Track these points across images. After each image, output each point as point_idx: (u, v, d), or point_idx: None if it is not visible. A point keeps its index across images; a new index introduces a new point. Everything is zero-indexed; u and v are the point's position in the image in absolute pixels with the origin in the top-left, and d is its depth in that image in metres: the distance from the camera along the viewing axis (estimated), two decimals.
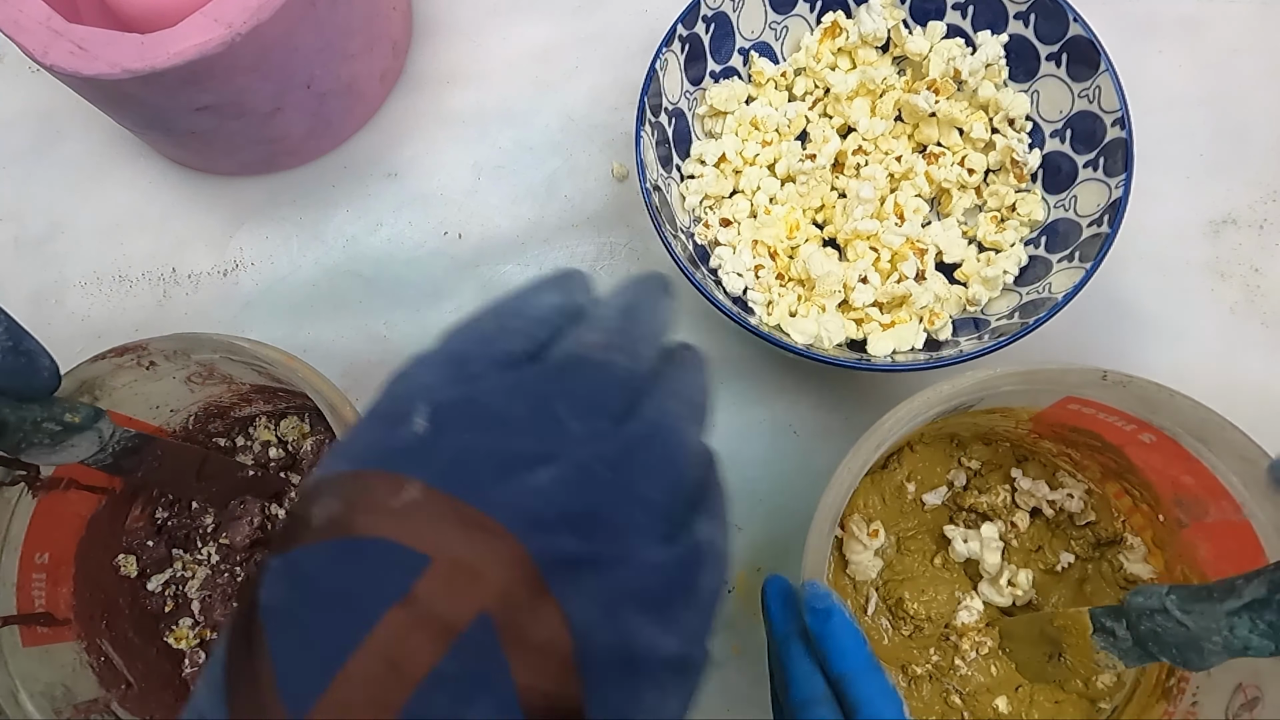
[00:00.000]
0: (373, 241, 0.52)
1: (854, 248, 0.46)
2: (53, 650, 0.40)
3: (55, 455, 0.34)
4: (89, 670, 0.41)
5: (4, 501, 0.38)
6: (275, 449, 0.46)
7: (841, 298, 0.45)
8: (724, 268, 0.45)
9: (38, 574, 0.40)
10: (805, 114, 0.49)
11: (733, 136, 0.48)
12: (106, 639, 0.42)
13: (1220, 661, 0.32)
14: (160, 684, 0.43)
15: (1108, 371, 0.35)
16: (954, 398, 0.35)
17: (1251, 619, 0.30)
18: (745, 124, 0.48)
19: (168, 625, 0.45)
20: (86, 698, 0.39)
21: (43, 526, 0.40)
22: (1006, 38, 0.46)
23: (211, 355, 0.39)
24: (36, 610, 0.40)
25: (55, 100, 0.56)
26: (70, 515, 0.42)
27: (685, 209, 0.47)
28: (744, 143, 0.48)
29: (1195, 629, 0.31)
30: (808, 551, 0.34)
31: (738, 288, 0.45)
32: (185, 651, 0.44)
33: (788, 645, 0.31)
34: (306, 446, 0.46)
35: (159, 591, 0.45)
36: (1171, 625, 0.32)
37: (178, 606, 0.45)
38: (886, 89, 0.48)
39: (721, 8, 0.46)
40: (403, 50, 0.54)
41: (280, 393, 0.44)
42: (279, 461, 0.46)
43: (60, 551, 0.42)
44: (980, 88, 0.47)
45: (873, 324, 0.44)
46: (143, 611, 0.45)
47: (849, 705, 0.28)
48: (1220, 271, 0.48)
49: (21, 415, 0.33)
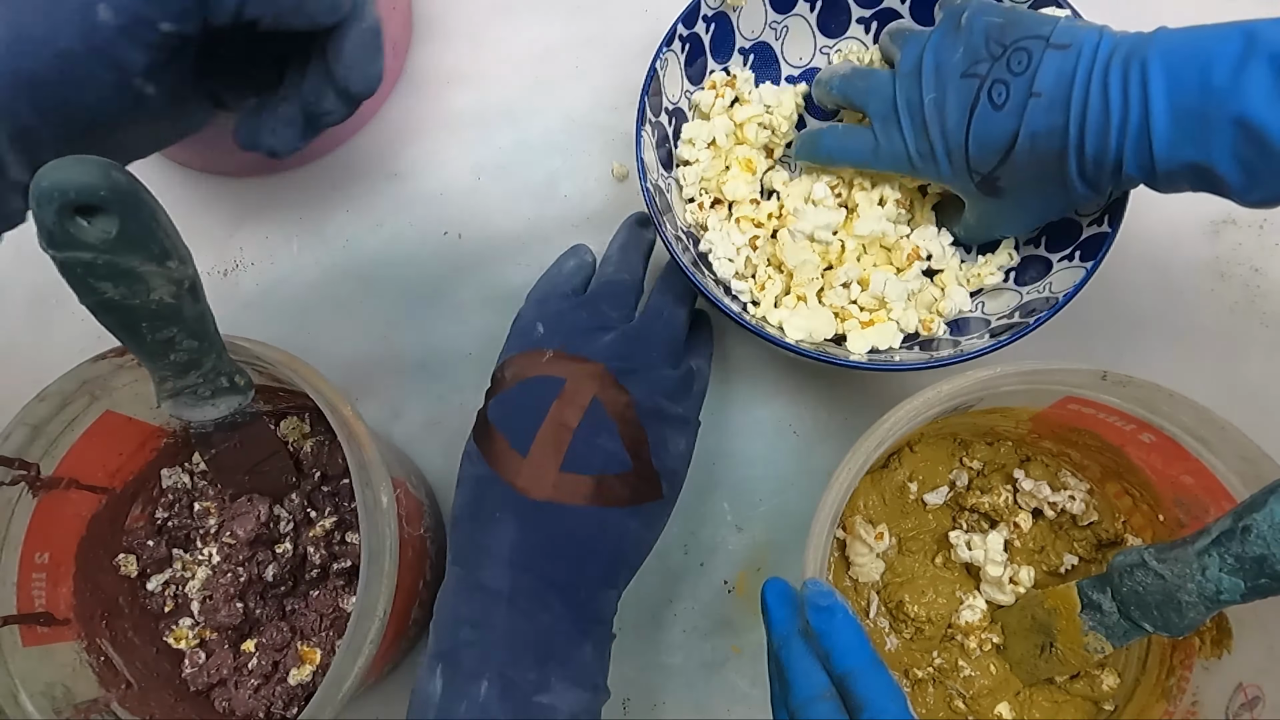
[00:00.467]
0: (373, 241, 0.52)
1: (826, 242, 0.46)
2: (53, 650, 0.40)
3: (196, 409, 0.38)
4: (89, 670, 0.41)
5: (4, 501, 0.38)
6: None
7: (820, 286, 0.45)
8: (714, 252, 0.45)
9: (38, 573, 0.40)
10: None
11: (724, 118, 0.48)
12: (106, 639, 0.42)
13: (1198, 620, 0.32)
14: (160, 684, 0.43)
15: (1108, 371, 0.35)
16: (954, 397, 0.35)
17: (1220, 555, 0.31)
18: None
19: (168, 625, 0.45)
20: (86, 698, 0.39)
21: (43, 526, 0.40)
22: None
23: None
24: (36, 610, 0.40)
25: None
26: (70, 515, 0.42)
27: (683, 199, 0.47)
28: (738, 126, 0.48)
29: (1171, 578, 0.32)
30: (808, 550, 0.34)
31: (727, 273, 0.45)
32: (185, 651, 0.44)
33: (788, 645, 0.31)
34: (307, 448, 0.46)
35: (159, 591, 0.45)
36: (1150, 580, 0.33)
37: (178, 606, 0.45)
38: None
39: (722, 8, 0.46)
40: (403, 50, 0.54)
41: (280, 393, 0.44)
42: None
43: (60, 551, 0.42)
44: None
45: (852, 320, 0.44)
46: (143, 611, 0.45)
47: (853, 703, 0.28)
48: (1220, 271, 0.48)
49: (209, 361, 0.36)
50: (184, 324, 0.33)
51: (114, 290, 0.31)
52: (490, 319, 0.50)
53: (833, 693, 0.29)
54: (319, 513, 0.45)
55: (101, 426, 0.41)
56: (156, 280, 0.31)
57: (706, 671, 0.45)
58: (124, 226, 0.29)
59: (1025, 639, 0.40)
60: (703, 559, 0.46)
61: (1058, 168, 0.36)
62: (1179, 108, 0.32)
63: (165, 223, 0.31)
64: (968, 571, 0.43)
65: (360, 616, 0.33)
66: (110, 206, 0.29)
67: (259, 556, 0.43)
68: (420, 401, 0.50)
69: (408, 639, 0.43)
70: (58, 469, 0.40)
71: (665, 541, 0.46)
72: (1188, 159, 0.33)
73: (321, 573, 0.44)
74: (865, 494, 0.44)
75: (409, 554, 0.37)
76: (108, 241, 0.29)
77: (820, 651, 0.30)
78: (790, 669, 0.30)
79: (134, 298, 0.31)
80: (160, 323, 0.33)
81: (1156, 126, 0.33)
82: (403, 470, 0.41)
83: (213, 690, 0.43)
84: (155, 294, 0.31)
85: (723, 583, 0.46)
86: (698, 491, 0.47)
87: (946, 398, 0.35)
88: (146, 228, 0.30)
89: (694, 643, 0.45)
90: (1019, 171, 0.38)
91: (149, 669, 0.43)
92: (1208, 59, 0.31)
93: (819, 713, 0.29)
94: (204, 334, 0.35)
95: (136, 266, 0.30)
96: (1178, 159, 0.33)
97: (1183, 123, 0.32)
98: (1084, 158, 0.35)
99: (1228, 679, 0.37)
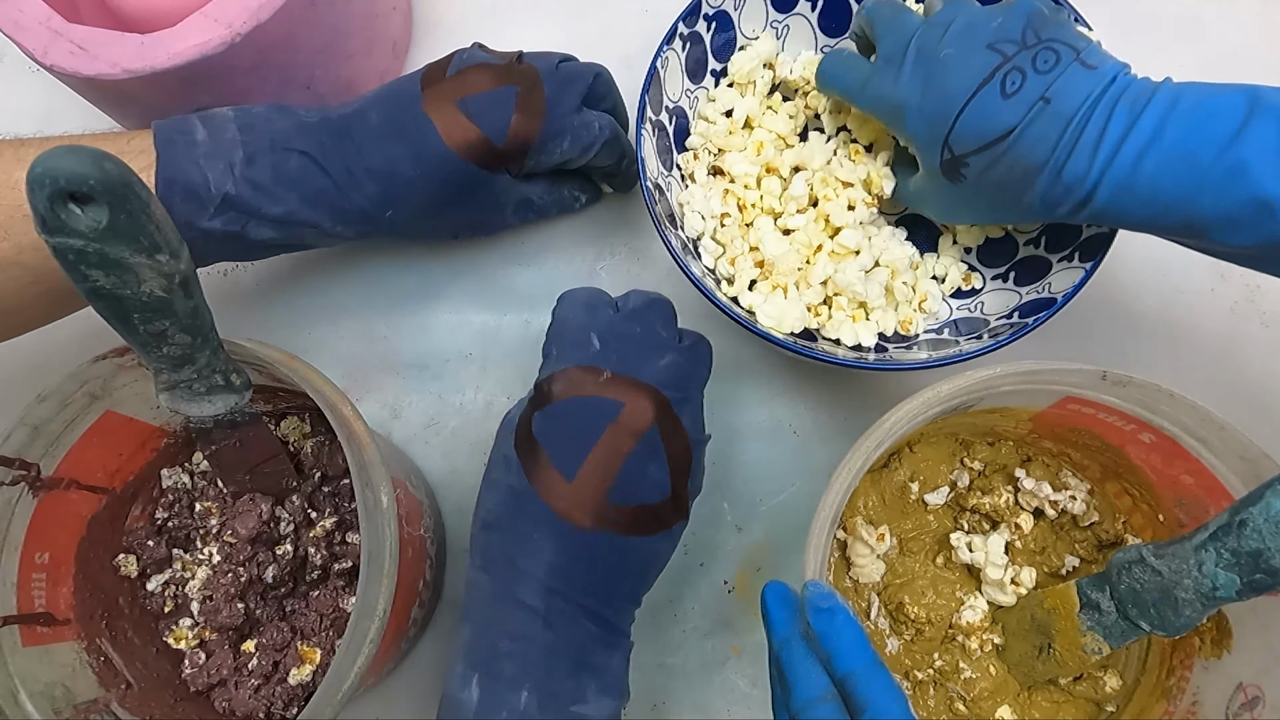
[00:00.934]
0: (373, 241, 0.52)
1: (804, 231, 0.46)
2: (52, 650, 0.40)
3: (194, 405, 0.37)
4: (89, 670, 0.40)
5: (4, 501, 0.38)
6: None
7: (798, 279, 0.45)
8: (690, 205, 0.46)
9: (38, 574, 0.40)
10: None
11: (753, 98, 0.48)
12: (106, 639, 0.42)
13: (1195, 619, 0.32)
14: (160, 684, 0.43)
15: (1107, 371, 0.35)
16: (954, 397, 0.35)
17: (1216, 550, 0.31)
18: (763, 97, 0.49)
19: (167, 625, 0.45)
20: (86, 698, 0.39)
21: (43, 526, 0.40)
22: None
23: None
24: (36, 610, 0.40)
25: (55, 100, 0.56)
26: (70, 515, 0.42)
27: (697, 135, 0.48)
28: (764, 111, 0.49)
29: (1168, 574, 0.33)
30: (808, 552, 0.34)
31: (695, 230, 0.45)
32: (185, 652, 0.44)
33: (789, 647, 0.31)
34: (307, 448, 0.46)
35: (159, 591, 0.45)
36: (1148, 576, 0.33)
37: (177, 607, 0.45)
38: None
39: (723, 6, 0.46)
40: (403, 50, 0.54)
41: (281, 393, 0.44)
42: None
43: (60, 551, 0.41)
44: None
45: (825, 315, 0.44)
46: (143, 611, 0.45)
47: (855, 704, 0.28)
48: (1220, 271, 0.48)
49: (215, 363, 0.36)
50: (175, 318, 0.34)
51: (105, 279, 0.31)
52: (490, 319, 0.50)
53: (834, 694, 0.29)
54: (319, 513, 0.45)
55: (102, 427, 0.41)
56: (146, 272, 0.31)
57: (706, 671, 0.45)
58: (114, 217, 0.30)
59: (1024, 640, 0.40)
60: (703, 559, 0.46)
61: (1024, 179, 0.36)
62: (1174, 151, 0.33)
63: (159, 216, 0.31)
64: (969, 572, 0.43)
65: (360, 616, 0.33)
66: (100, 196, 0.29)
67: (259, 557, 0.43)
68: (420, 401, 0.50)
69: (408, 639, 0.43)
70: (58, 469, 0.40)
71: None
72: (1172, 201, 0.33)
73: (322, 573, 0.44)
74: (865, 494, 0.44)
75: (409, 554, 0.37)
76: (98, 230, 0.29)
77: (821, 653, 0.30)
78: (791, 671, 0.30)
79: (124, 288, 0.31)
80: (151, 315, 0.33)
81: (1146, 164, 0.33)
82: (403, 470, 0.41)
83: (213, 690, 0.43)
84: (145, 286, 0.32)
85: (723, 583, 0.46)
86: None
87: (946, 398, 0.35)
88: (137, 220, 0.30)
89: (694, 643, 0.45)
90: (989, 169, 0.37)
91: (149, 669, 0.43)
92: (1213, 110, 0.33)
93: (820, 714, 0.29)
94: (197, 330, 0.35)
95: (126, 257, 0.31)
96: (1161, 200, 0.34)
97: (1174, 165, 0.33)
98: (1058, 179, 0.35)
99: (1228, 679, 0.37)
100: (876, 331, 0.44)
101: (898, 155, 0.46)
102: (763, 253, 0.44)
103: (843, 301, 0.44)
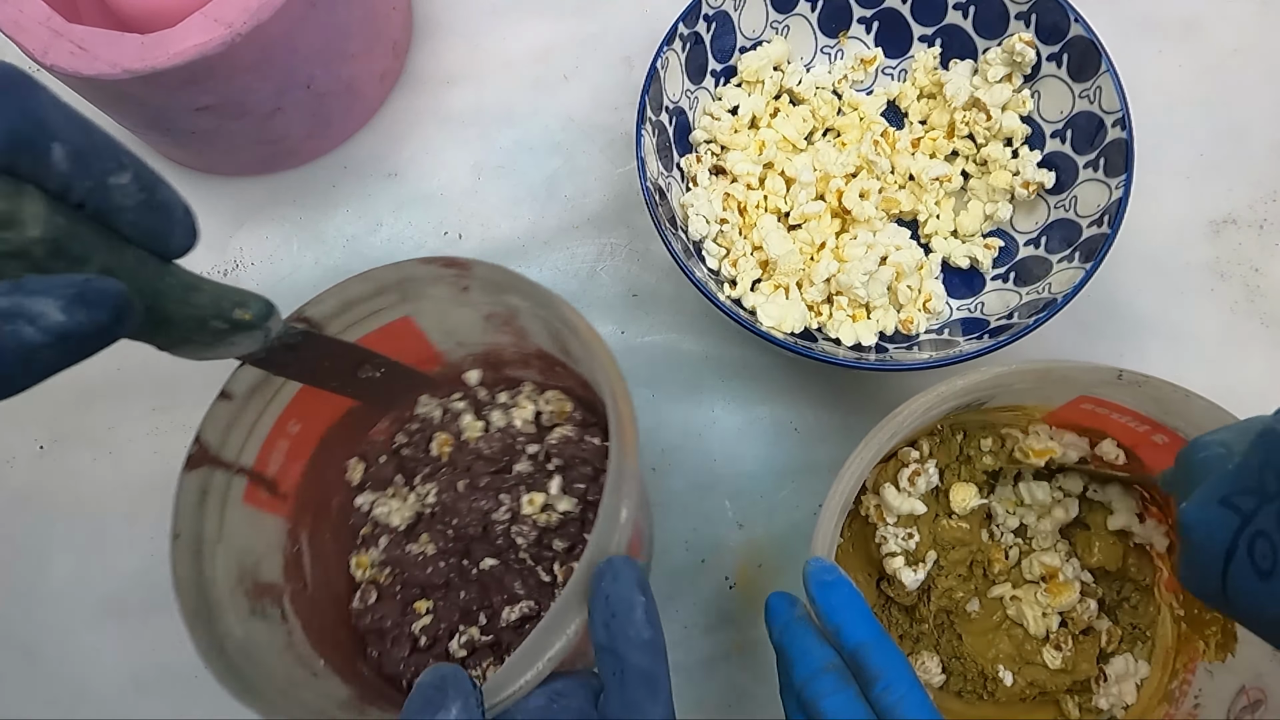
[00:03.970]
0: (373, 241, 0.52)
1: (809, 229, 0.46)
2: (262, 519, 0.38)
3: (209, 352, 0.30)
4: (279, 555, 0.39)
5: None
6: (522, 422, 0.42)
7: (800, 279, 0.45)
8: (694, 207, 0.46)
9: (283, 441, 0.38)
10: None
11: (759, 97, 0.48)
12: (307, 532, 0.40)
13: None
14: (329, 600, 0.40)
15: (1123, 371, 0.35)
16: (968, 393, 0.35)
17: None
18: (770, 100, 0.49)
19: (356, 549, 0.42)
20: (268, 580, 0.37)
21: (308, 396, 0.38)
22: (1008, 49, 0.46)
23: (520, 302, 0.36)
24: (269, 474, 0.38)
25: None
26: (335, 397, 0.39)
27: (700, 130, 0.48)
28: (771, 114, 0.49)
29: None
30: (816, 535, 0.34)
31: (700, 232, 0.45)
32: (360, 583, 0.41)
33: (789, 630, 0.31)
34: (564, 431, 0.41)
35: (364, 509, 0.43)
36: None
37: (372, 533, 0.42)
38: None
39: (723, 6, 0.46)
40: (403, 50, 0.54)
41: (558, 367, 0.41)
42: (524, 430, 0.42)
43: (310, 428, 0.39)
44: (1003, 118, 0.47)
45: (826, 314, 0.44)
46: (345, 524, 0.43)
47: (867, 675, 0.28)
48: (1220, 271, 0.48)
49: (188, 312, 0.27)
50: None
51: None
52: None
53: (836, 665, 0.29)
54: (540, 492, 0.41)
55: (394, 329, 0.38)
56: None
57: (707, 668, 0.45)
58: None
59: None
60: (704, 555, 0.46)
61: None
62: None
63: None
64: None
65: (548, 630, 0.29)
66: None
67: (469, 523, 0.40)
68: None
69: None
70: None
71: (666, 539, 0.46)
72: None
73: (520, 562, 0.40)
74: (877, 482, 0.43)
75: None
76: None
77: (829, 626, 0.30)
78: (792, 649, 0.30)
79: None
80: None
81: None
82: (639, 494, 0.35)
83: (369, 636, 0.40)
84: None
85: (724, 579, 0.46)
86: (699, 489, 0.47)
87: (961, 393, 0.35)
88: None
89: (695, 639, 0.45)
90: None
91: (325, 580, 0.41)
92: None
93: (823, 685, 0.29)
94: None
95: None
96: None
97: None
98: None
99: (1230, 682, 0.37)
100: (877, 331, 0.44)
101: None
102: (766, 252, 0.44)
103: (843, 301, 0.44)
